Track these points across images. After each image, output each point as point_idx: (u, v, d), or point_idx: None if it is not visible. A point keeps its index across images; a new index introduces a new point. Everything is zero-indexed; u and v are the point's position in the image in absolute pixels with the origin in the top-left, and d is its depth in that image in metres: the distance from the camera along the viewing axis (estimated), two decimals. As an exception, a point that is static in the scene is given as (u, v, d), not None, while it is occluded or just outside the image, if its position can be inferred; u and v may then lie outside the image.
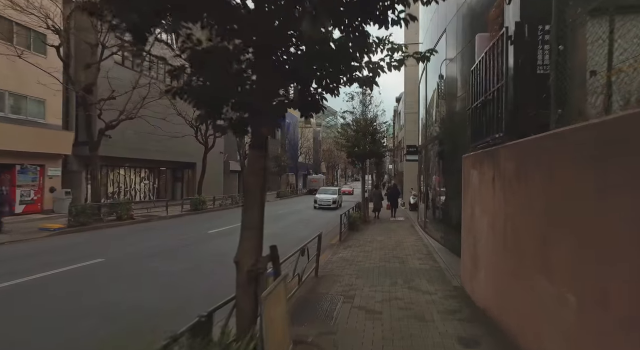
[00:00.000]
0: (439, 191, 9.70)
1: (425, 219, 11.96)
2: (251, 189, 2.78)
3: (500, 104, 3.70)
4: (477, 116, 4.67)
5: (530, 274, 3.01)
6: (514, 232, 3.35)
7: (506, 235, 3.51)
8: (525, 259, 3.10)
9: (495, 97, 3.88)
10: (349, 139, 14.79)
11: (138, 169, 21.94)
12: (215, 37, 2.72)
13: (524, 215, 3.15)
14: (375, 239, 10.61)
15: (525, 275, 3.11)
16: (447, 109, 8.53)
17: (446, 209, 8.67)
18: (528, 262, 3.06)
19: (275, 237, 11.49)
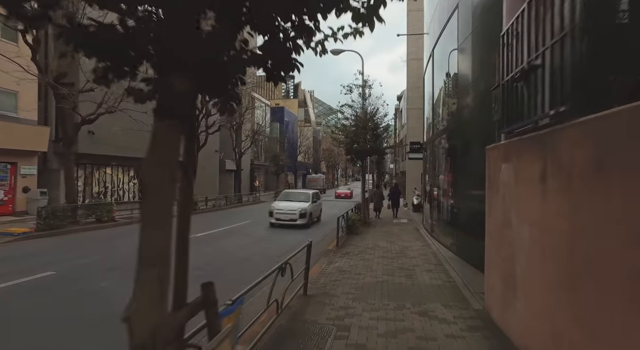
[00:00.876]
0: (449, 191, 8.55)
1: (432, 222, 10.81)
2: (154, 191, 1.62)
3: (561, 67, 2.54)
4: (513, 92, 3.52)
5: (627, 332, 1.86)
6: (591, 258, 2.19)
7: (574, 261, 2.36)
8: (617, 305, 1.95)
9: (549, 59, 2.73)
10: (348, 134, 13.64)
11: (127, 168, 20.81)
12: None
13: (613, 233, 2.00)
14: (377, 244, 9.46)
15: (616, 331, 1.96)
16: (460, 99, 7.38)
17: (458, 212, 7.52)
18: (622, 309, 1.91)
19: (261, 242, 10.24)
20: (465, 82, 7.13)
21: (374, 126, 13.52)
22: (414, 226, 13.30)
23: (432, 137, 10.94)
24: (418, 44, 23.08)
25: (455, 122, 7.82)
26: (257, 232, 12.34)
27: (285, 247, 9.51)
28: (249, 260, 7.94)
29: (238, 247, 9.46)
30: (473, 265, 6.43)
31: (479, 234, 6.15)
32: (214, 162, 29.32)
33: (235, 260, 7.95)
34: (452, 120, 8.24)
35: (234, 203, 25.04)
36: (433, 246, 9.00)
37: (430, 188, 12.96)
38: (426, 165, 14.31)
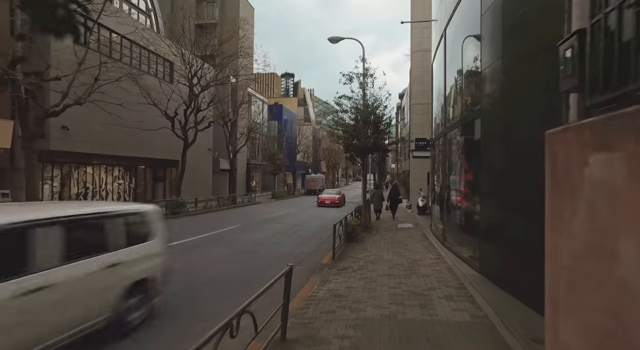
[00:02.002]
0: (468, 193, 7.10)
1: (443, 228, 9.35)
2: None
3: None
4: (612, 38, 2.09)
5: None
6: None
7: None
8: None
9: None
10: (347, 129, 12.17)
11: (110, 167, 19.39)
12: None
13: None
14: (381, 256, 8.00)
15: None
16: (488, 76, 5.92)
17: (482, 219, 6.07)
18: None
19: (244, 253, 8.18)
20: (495, 50, 5.65)
21: (376, 120, 12.06)
22: (422, 232, 11.83)
23: (444, 130, 9.49)
24: (423, 34, 21.66)
25: (478, 109, 6.37)
26: (243, 240, 10.90)
27: (270, 261, 8.07)
28: (216, 284, 6.46)
29: (212, 261, 7.98)
30: (507, 290, 4.98)
31: (516, 251, 4.71)
32: (206, 161, 27.91)
33: (200, 283, 6.47)
34: (473, 107, 6.78)
35: (227, 204, 23.61)
36: (448, 259, 7.54)
37: (439, 189, 11.51)
38: (434, 164, 12.86)
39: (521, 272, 4.65)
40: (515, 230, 4.87)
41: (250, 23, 35.44)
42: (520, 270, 4.67)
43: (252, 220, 16.25)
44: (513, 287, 4.86)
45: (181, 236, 11.05)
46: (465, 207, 7.28)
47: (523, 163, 4.65)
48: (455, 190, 8.21)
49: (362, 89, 12.11)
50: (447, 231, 9.08)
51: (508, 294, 4.93)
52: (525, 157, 4.55)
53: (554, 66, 3.01)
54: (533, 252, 3.29)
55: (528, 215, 4.44)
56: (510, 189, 5.02)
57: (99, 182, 18.60)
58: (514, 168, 4.94)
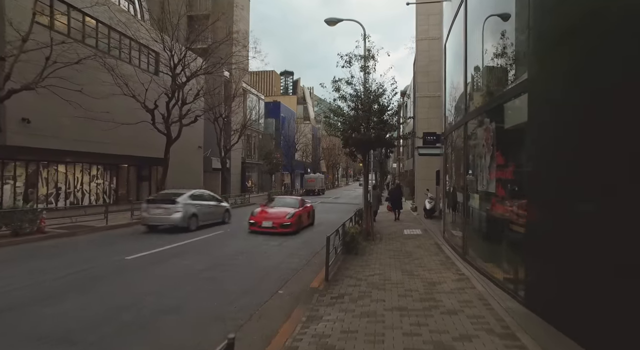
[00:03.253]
0: (504, 195, 5.36)
1: (464, 238, 7.61)
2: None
3: None
4: None
5: None
6: None
7: None
8: None
9: None
10: (347, 120, 10.43)
11: (87, 166, 17.68)
12: None
13: None
14: (387, 277, 6.27)
15: None
16: (537, 40, 4.21)
17: (534, 230, 4.32)
18: None
19: (216, 269, 5.73)
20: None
21: (380, 109, 10.32)
22: (433, 241, 10.10)
23: (463, 119, 7.76)
24: (429, 22, 19.95)
25: (522, 82, 4.63)
26: (223, 249, 9.18)
27: (247, 282, 6.34)
28: (157, 324, 4.76)
29: (173, 282, 6.24)
30: (579, 339, 3.24)
31: (597, 276, 2.98)
32: (197, 159, 26.21)
33: (132, 322, 4.74)
34: (514, 81, 5.04)
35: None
36: (475, 281, 5.81)
37: (452, 189, 9.79)
38: (446, 161, 11.13)
39: (607, 310, 2.95)
40: (596, 246, 3.16)
41: (245, 9, 33.80)
42: (605, 306, 2.96)
43: (241, 224, 14.52)
44: (589, 333, 3.14)
45: (152, 245, 9.34)
46: (500, 213, 5.55)
47: (616, 150, 2.94)
48: (482, 192, 6.47)
49: (363, 72, 10.36)
50: (469, 242, 7.34)
51: (581, 347, 3.20)
52: (621, 140, 2.85)
53: None
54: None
55: (625, 224, 2.74)
56: (590, 188, 3.29)
57: (74, 182, 16.87)
58: (596, 158, 3.21)
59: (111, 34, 17.01)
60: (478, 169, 6.76)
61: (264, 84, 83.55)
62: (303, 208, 13.42)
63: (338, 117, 10.68)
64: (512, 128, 5.26)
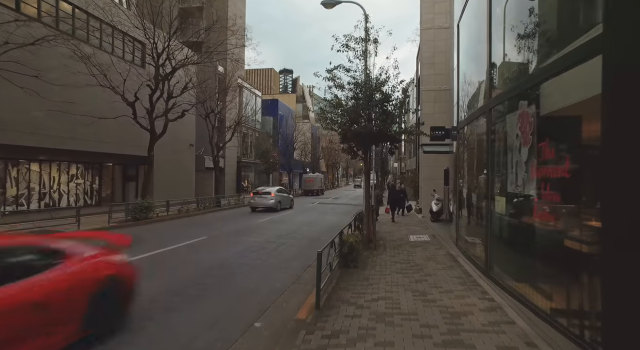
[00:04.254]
0: (558, 201, 4.00)
1: (487, 251, 6.25)
2: None
3: None
4: None
5: None
6: None
7: None
8: None
9: None
10: (346, 111, 9.06)
11: (65, 164, 16.35)
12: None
13: None
14: (396, 302, 4.92)
15: None
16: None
17: (622, 257, 2.95)
18: None
19: (175, 296, 4.51)
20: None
21: (383, 98, 8.97)
22: (445, 250, 8.75)
23: (483, 108, 6.42)
24: (435, 10, 18.60)
25: (593, 40, 3.28)
26: (196, 263, 7.83)
27: (210, 319, 4.96)
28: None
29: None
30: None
31: None
32: (188, 158, 24.90)
33: None
34: (575, 43, 3.68)
35: (209, 207, 20.56)
36: (512, 312, 4.46)
37: (467, 190, 8.45)
38: (458, 159, 9.79)
39: None
40: None
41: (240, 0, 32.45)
42: None
43: (227, 228, 13.20)
44: None
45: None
46: (544, 223, 4.20)
47: None
48: (515, 195, 5.12)
49: (364, 55, 9.01)
50: (494, 255, 5.99)
51: None
52: None
53: None
54: None
55: None
56: None
57: (49, 182, 15.53)
58: None
59: (89, 20, 15.66)
60: (509, 166, 5.40)
61: (262, 82, 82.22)
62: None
63: (335, 108, 9.30)
64: (566, 110, 3.91)
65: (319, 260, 4.69)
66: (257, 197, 19.90)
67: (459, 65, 9.07)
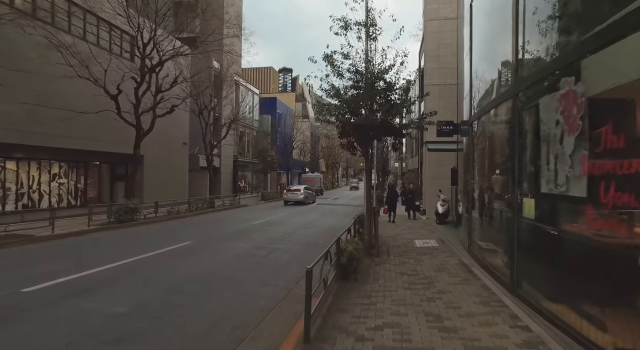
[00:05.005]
0: (621, 204, 2.99)
1: (513, 262, 5.23)
2: None
3: None
4: None
5: None
6: None
7: None
8: None
9: None
10: (344, 101, 8.04)
11: (46, 163, 15.34)
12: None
13: None
14: (406, 332, 3.90)
15: None
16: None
17: None
18: None
19: (139, 319, 3.85)
20: None
21: (386, 87, 7.97)
22: (457, 258, 7.75)
23: (508, 92, 5.42)
24: (440, 0, 17.60)
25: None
26: (175, 273, 6.82)
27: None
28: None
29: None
30: None
31: None
32: (181, 157, 23.87)
33: None
34: None
35: (202, 208, 19.56)
36: (555, 346, 3.45)
37: (479, 191, 7.45)
38: (469, 155, 8.78)
39: None
40: None
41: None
42: None
43: (218, 231, 12.20)
44: None
45: (89, 264, 6.99)
46: (618, 236, 3.19)
47: None
48: (552, 196, 4.11)
49: (366, 37, 8.00)
50: (524, 269, 4.97)
51: None
52: None
53: None
54: None
55: None
56: None
57: (28, 182, 14.53)
58: None
59: (70, 8, 14.63)
60: (542, 162, 4.39)
61: (261, 81, 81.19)
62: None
63: (332, 98, 8.28)
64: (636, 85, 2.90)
65: (308, 280, 3.68)
66: (289, 193, 24.87)
67: (471, 50, 8.06)
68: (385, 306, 4.76)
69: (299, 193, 24.53)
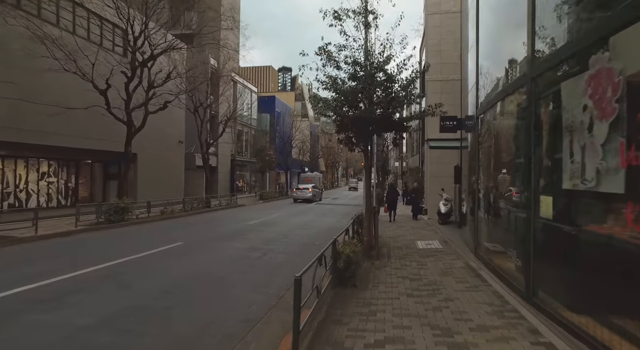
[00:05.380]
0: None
1: (529, 268, 4.72)
2: None
3: None
4: None
5: None
6: None
7: None
8: None
9: None
10: (342, 93, 7.49)
11: (34, 161, 14.82)
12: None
13: None
14: (409, 349, 3.38)
15: None
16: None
17: None
18: None
19: (107, 333, 3.00)
20: None
21: (387, 79, 7.44)
22: (463, 261, 7.23)
23: (526, 76, 4.90)
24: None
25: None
26: (158, 278, 6.30)
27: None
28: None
29: None
30: None
31: None
32: (177, 155, 23.35)
33: None
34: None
35: (197, 208, 19.05)
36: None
37: (485, 189, 6.93)
38: (474, 152, 8.25)
39: None
40: None
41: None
42: None
43: (212, 232, 11.69)
44: None
45: (67, 267, 6.47)
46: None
47: None
48: (575, 193, 3.59)
49: (364, 26, 7.48)
50: (542, 275, 4.45)
51: None
52: None
53: None
54: None
55: None
56: None
57: (14, 181, 13.99)
58: None
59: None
60: (564, 154, 3.88)
61: (260, 80, 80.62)
62: None
63: (328, 90, 7.74)
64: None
65: (297, 290, 3.15)
66: (298, 191, 27.07)
67: (478, 37, 7.53)
68: (386, 317, 4.24)
69: (307, 191, 26.49)
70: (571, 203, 3.91)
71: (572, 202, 3.88)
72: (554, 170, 4.24)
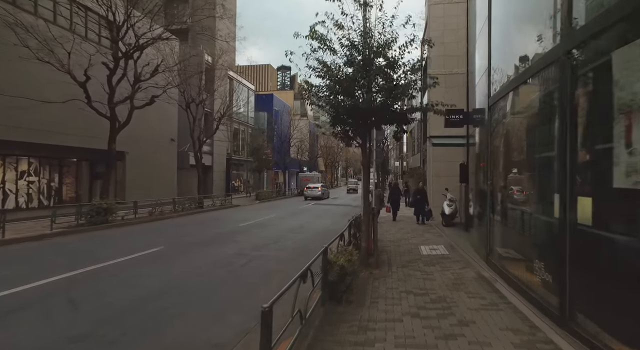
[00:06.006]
0: None
1: (565, 286, 3.85)
2: None
3: None
4: None
5: None
6: None
7: None
8: None
9: None
10: (337, 81, 6.61)
11: (12, 159, 13.94)
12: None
13: None
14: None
15: None
16: None
17: None
18: None
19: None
20: None
21: (388, 64, 6.57)
22: (474, 270, 6.36)
23: (556, 51, 4.04)
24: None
25: None
26: (126, 289, 5.43)
27: None
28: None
29: None
30: None
31: None
32: (169, 154, 22.50)
33: None
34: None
35: (189, 209, 18.18)
36: None
37: (495, 188, 6.06)
38: (484, 147, 7.38)
39: None
40: None
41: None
42: None
43: (199, 235, 10.82)
44: None
45: (15, 280, 5.59)
46: None
47: None
48: (628, 192, 2.73)
49: (363, 7, 6.61)
50: (585, 296, 3.58)
51: None
52: None
53: None
54: None
55: None
56: None
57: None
58: None
59: None
60: (616, 145, 3.01)
61: (258, 78, 79.78)
62: None
63: (322, 78, 6.85)
64: None
65: (265, 330, 2.27)
66: (309, 190, 29.79)
67: (490, 13, 6.65)
68: (386, 348, 3.37)
69: (317, 190, 29.33)
70: (626, 206, 3.05)
71: (629, 205, 3.01)
72: (598, 164, 3.37)
